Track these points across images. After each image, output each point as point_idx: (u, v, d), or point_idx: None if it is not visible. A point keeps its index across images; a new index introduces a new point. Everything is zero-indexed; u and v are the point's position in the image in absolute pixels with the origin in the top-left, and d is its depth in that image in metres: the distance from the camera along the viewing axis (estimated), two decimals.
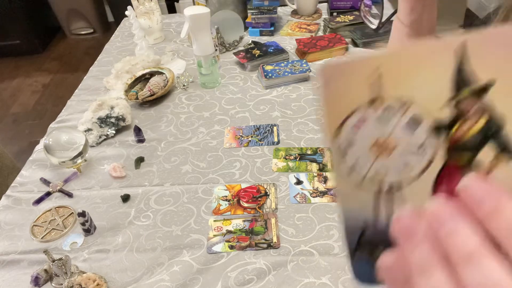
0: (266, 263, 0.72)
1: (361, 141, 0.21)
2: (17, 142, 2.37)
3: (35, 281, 0.72)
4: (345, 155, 0.22)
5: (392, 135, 0.21)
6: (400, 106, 0.20)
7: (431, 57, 0.19)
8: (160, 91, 1.15)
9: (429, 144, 0.20)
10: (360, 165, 0.22)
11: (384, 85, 0.20)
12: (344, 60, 0.20)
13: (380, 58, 0.20)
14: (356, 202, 0.23)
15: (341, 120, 0.21)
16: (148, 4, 1.44)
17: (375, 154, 0.21)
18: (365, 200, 0.22)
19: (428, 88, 0.20)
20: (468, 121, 0.20)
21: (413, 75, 0.20)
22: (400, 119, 0.20)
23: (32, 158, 1.02)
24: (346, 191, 0.23)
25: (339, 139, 0.21)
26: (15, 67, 3.15)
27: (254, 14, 1.45)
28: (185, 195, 0.87)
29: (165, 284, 0.70)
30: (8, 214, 0.87)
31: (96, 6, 3.41)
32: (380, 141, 0.21)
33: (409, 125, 0.20)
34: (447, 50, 0.19)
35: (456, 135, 0.20)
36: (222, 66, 1.31)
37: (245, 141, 1.00)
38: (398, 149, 0.21)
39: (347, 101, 0.21)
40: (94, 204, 0.87)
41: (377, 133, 0.21)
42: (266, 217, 0.80)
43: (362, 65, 0.20)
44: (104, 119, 1.04)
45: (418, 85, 0.20)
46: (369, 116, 0.21)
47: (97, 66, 1.40)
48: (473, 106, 0.19)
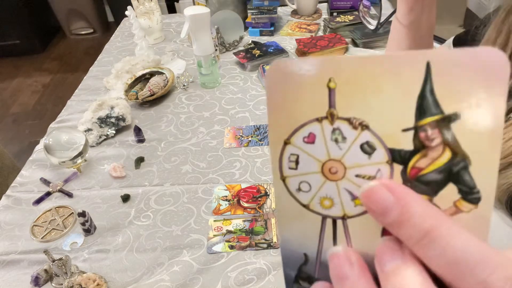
0: (266, 263, 0.72)
1: (310, 158, 0.18)
2: (17, 142, 2.37)
3: (35, 281, 0.72)
4: (291, 173, 0.19)
5: (344, 158, 0.18)
6: (353, 127, 0.17)
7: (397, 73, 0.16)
8: (160, 91, 1.15)
9: (384, 174, 0.18)
10: (307, 186, 0.19)
11: (338, 99, 0.17)
12: (293, 62, 0.17)
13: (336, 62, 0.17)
14: (299, 227, 0.20)
15: (289, 132, 0.18)
16: (148, 4, 1.44)
17: (324, 175, 0.18)
18: (310, 227, 0.20)
19: (388, 110, 0.17)
20: (430, 153, 0.17)
21: (371, 92, 0.17)
22: (354, 141, 0.18)
23: (32, 158, 1.02)
24: (289, 215, 0.20)
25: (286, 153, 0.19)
26: (15, 67, 3.15)
27: (254, 14, 1.45)
28: (185, 195, 0.87)
29: (165, 284, 0.70)
30: (8, 214, 0.87)
31: (96, 6, 3.42)
32: (330, 161, 0.18)
33: (363, 149, 0.18)
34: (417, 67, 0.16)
35: (415, 167, 0.18)
36: (222, 66, 1.31)
37: (245, 141, 1.00)
38: (348, 174, 0.18)
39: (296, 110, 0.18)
40: (94, 204, 0.87)
41: (327, 151, 0.18)
42: (266, 217, 0.80)
43: (315, 68, 0.17)
44: (104, 119, 1.04)
45: (375, 105, 0.17)
46: (319, 132, 0.18)
47: (97, 66, 1.40)
48: (437, 137, 0.17)
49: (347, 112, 0.17)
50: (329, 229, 0.19)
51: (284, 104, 0.18)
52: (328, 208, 0.19)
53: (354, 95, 0.17)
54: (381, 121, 0.17)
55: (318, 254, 0.20)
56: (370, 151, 0.18)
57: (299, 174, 0.19)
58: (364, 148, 0.18)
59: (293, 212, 0.19)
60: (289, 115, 0.18)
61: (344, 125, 0.17)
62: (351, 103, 0.17)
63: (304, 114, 0.18)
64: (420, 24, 0.59)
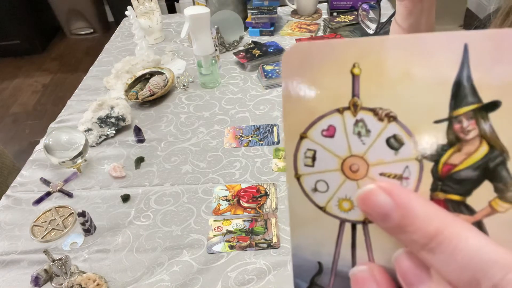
0: (266, 263, 0.72)
1: (329, 154, 0.16)
2: (17, 142, 2.37)
3: (35, 281, 0.72)
4: (307, 170, 0.17)
5: (367, 154, 0.16)
6: (379, 118, 0.16)
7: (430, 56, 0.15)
8: (160, 91, 1.15)
9: (413, 171, 0.16)
10: (325, 184, 0.17)
11: (362, 87, 0.15)
12: (313, 44, 0.15)
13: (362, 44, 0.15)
14: (314, 233, 0.18)
15: (305, 124, 0.16)
16: (148, 4, 1.44)
17: (343, 173, 0.17)
18: (326, 232, 0.17)
19: (418, 99, 0.15)
20: (464, 147, 0.15)
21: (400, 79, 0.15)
22: (379, 135, 0.16)
23: (32, 158, 1.02)
24: (303, 218, 0.17)
25: (302, 148, 0.17)
26: (15, 67, 3.15)
27: (254, 14, 1.45)
28: (185, 195, 0.87)
29: (165, 284, 0.70)
30: (8, 214, 0.87)
31: (96, 6, 3.42)
32: (351, 157, 0.16)
33: (389, 144, 0.16)
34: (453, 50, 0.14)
35: (448, 163, 0.16)
36: (222, 66, 1.31)
37: (245, 141, 1.00)
38: (371, 173, 0.16)
39: (315, 100, 0.16)
40: (94, 204, 0.87)
41: (348, 146, 0.16)
42: (266, 217, 0.80)
43: (337, 51, 0.15)
44: (104, 119, 1.04)
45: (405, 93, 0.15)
46: (340, 124, 0.16)
47: (97, 66, 1.40)
48: (473, 129, 0.15)
49: (372, 101, 0.16)
50: (348, 235, 0.17)
51: (301, 92, 0.16)
52: (347, 211, 0.17)
53: (381, 82, 0.15)
54: (410, 111, 0.15)
55: (334, 263, 0.18)
56: (398, 146, 0.16)
57: (316, 172, 0.17)
58: (390, 142, 0.16)
59: (308, 215, 0.17)
60: (307, 106, 0.16)
61: (369, 117, 0.16)
62: (377, 91, 0.15)
63: (323, 104, 0.16)
64: (419, 27, 0.59)
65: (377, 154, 0.16)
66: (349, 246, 0.17)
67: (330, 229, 0.17)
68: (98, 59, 1.45)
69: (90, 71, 1.37)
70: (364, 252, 0.17)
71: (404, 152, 0.16)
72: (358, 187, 0.16)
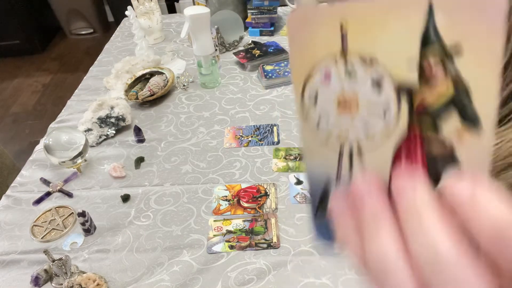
0: (266, 263, 0.72)
1: (327, 95, 0.21)
2: (17, 142, 2.37)
3: (35, 281, 0.72)
4: (311, 109, 0.21)
5: (356, 93, 0.20)
6: (364, 62, 0.19)
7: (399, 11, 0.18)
8: (160, 91, 1.15)
9: (393, 107, 0.20)
10: (325, 121, 0.21)
11: (349, 38, 0.19)
12: (310, 8, 0.19)
13: (347, 7, 0.19)
14: (321, 159, 0.22)
15: (308, 71, 0.20)
16: (148, 4, 1.44)
17: (339, 110, 0.21)
18: (329, 159, 0.22)
19: (394, 46, 0.19)
20: (435, 86, 0.19)
21: (379, 30, 0.19)
22: (365, 77, 0.19)
23: (32, 158, 1.02)
24: (311, 147, 0.22)
25: (306, 91, 0.21)
26: (15, 67, 3.15)
27: (254, 14, 1.45)
28: (185, 195, 0.87)
29: (165, 284, 0.70)
30: (8, 214, 0.87)
31: (96, 6, 3.42)
32: (344, 97, 0.20)
33: (373, 84, 0.19)
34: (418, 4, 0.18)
35: (421, 100, 0.19)
36: (222, 66, 1.31)
37: (245, 141, 1.00)
38: (361, 109, 0.20)
39: (314, 52, 0.20)
40: (94, 204, 0.87)
41: (342, 88, 0.20)
42: (266, 217, 0.80)
43: (328, 13, 0.19)
44: (104, 119, 1.04)
45: (383, 41, 0.19)
46: (334, 70, 0.20)
47: (97, 66, 1.40)
48: (441, 71, 0.18)
49: (359, 50, 0.19)
50: (346, 162, 0.22)
51: (303, 47, 0.20)
52: (343, 143, 0.21)
53: (365, 34, 0.19)
54: (388, 56, 0.19)
55: (337, 184, 0.23)
56: (380, 86, 0.19)
57: (319, 109, 0.21)
58: (374, 83, 0.19)
59: (315, 146, 0.22)
60: (308, 57, 0.20)
61: (357, 61, 0.19)
62: (362, 42, 0.19)
63: (321, 55, 0.20)
64: None
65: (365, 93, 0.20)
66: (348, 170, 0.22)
67: (332, 157, 0.22)
68: (98, 59, 1.45)
69: (90, 71, 1.37)
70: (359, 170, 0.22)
71: (386, 91, 0.19)
72: (352, 122, 0.21)
